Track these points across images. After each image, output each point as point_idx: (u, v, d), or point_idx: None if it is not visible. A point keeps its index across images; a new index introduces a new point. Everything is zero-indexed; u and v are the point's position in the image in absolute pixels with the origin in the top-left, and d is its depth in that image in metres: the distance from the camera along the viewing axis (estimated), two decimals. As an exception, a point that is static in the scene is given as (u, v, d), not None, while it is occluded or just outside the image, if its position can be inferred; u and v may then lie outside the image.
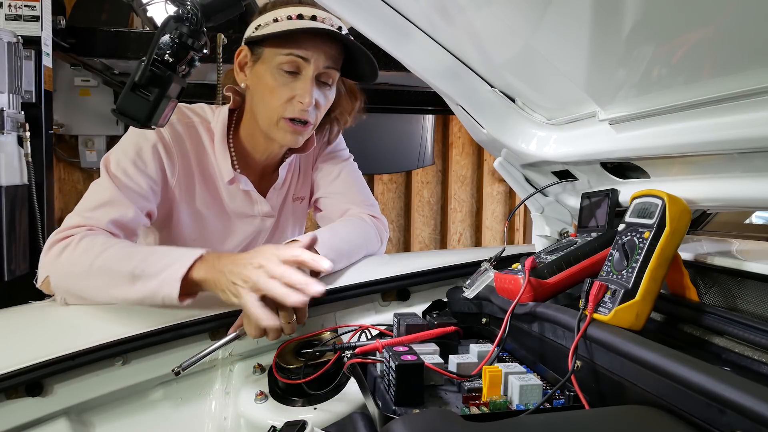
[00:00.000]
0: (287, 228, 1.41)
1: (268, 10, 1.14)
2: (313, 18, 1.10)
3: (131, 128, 1.13)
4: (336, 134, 1.38)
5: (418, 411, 0.63)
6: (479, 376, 0.69)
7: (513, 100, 1.03)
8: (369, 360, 0.75)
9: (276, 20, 1.11)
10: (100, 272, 0.94)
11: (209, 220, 1.27)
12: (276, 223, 1.37)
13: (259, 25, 1.14)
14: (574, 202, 1.09)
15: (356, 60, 1.17)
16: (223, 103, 1.27)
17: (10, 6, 2.22)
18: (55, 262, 0.98)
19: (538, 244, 1.17)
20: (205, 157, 1.22)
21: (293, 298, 0.84)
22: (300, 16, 1.10)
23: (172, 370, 0.84)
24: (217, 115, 1.23)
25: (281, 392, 0.89)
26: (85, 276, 0.95)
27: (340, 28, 1.13)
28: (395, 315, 0.88)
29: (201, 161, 1.22)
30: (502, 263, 0.96)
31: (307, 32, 1.09)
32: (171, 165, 1.17)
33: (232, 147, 1.24)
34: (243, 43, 1.19)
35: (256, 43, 1.15)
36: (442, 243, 4.71)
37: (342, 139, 1.42)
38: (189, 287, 0.91)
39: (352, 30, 1.12)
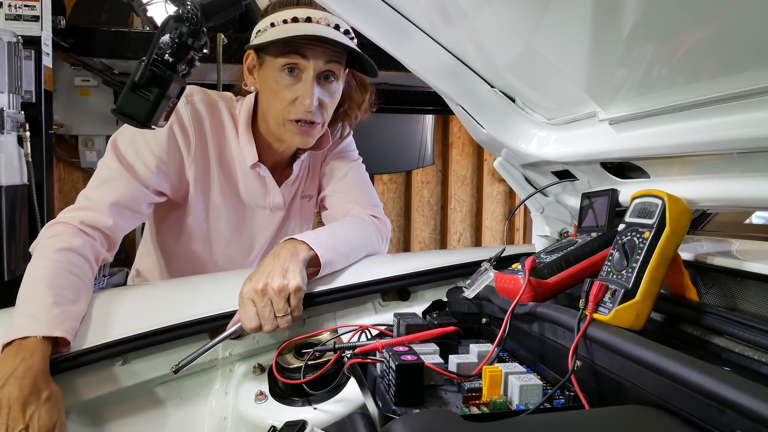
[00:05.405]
0: (295, 225, 1.42)
1: (269, 13, 1.16)
2: (308, 19, 1.11)
3: None
4: (348, 131, 1.38)
5: (418, 411, 0.63)
6: (479, 376, 0.69)
7: (513, 100, 1.03)
8: (369, 360, 0.75)
9: (273, 24, 1.12)
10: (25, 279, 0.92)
11: (223, 206, 1.27)
12: (284, 219, 1.37)
13: (259, 31, 1.16)
14: (574, 202, 1.09)
15: (357, 56, 1.17)
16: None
17: (10, 6, 2.22)
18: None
19: (538, 244, 1.17)
20: (224, 140, 1.22)
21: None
22: (295, 19, 1.11)
23: (171, 369, 0.85)
24: (242, 102, 1.23)
25: (281, 392, 0.89)
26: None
27: (337, 26, 1.14)
28: (395, 315, 0.88)
29: (219, 144, 1.22)
30: (502, 263, 0.96)
31: (300, 39, 1.10)
32: (186, 145, 1.17)
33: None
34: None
35: (259, 48, 1.16)
36: (442, 243, 4.71)
37: (352, 140, 1.43)
38: None
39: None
